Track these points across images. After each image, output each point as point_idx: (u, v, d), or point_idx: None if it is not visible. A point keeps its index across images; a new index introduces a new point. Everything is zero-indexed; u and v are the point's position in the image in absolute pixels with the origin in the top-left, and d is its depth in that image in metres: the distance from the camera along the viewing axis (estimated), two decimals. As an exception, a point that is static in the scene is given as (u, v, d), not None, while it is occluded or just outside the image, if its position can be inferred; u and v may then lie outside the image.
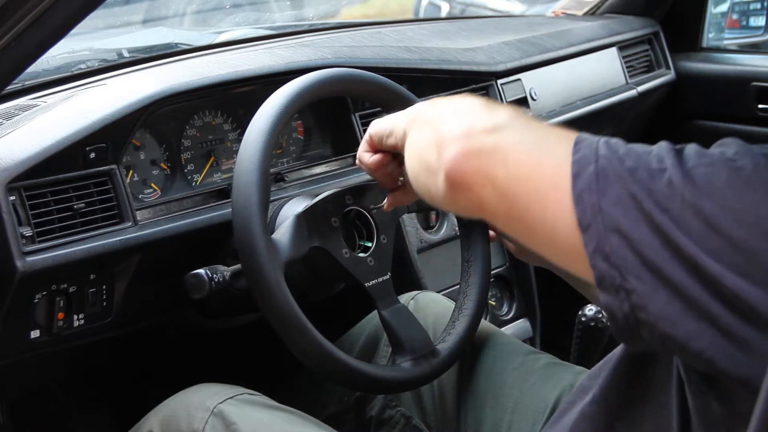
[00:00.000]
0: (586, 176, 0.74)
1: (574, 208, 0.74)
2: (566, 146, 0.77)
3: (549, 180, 0.76)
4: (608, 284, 0.73)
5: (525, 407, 1.24)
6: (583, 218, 0.73)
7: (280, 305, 1.12)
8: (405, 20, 2.50)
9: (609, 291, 0.73)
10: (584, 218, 0.74)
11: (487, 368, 1.30)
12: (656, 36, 2.42)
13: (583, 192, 0.74)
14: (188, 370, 1.51)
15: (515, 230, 0.81)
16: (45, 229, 1.19)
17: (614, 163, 0.74)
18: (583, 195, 0.74)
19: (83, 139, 1.23)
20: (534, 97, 1.99)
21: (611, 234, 0.72)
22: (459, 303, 1.31)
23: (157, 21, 2.54)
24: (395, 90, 1.35)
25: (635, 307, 0.72)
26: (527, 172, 0.78)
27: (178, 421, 1.14)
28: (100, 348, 1.38)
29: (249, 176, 1.14)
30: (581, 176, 0.74)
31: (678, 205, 0.71)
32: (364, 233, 1.30)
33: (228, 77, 1.44)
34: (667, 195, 0.72)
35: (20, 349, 1.23)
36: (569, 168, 0.75)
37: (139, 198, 1.40)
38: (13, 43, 1.02)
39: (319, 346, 1.14)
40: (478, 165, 0.80)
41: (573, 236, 0.74)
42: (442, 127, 0.84)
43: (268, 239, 1.14)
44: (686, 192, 0.71)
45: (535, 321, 1.88)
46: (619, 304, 0.72)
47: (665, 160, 0.74)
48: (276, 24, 2.42)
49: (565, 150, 0.77)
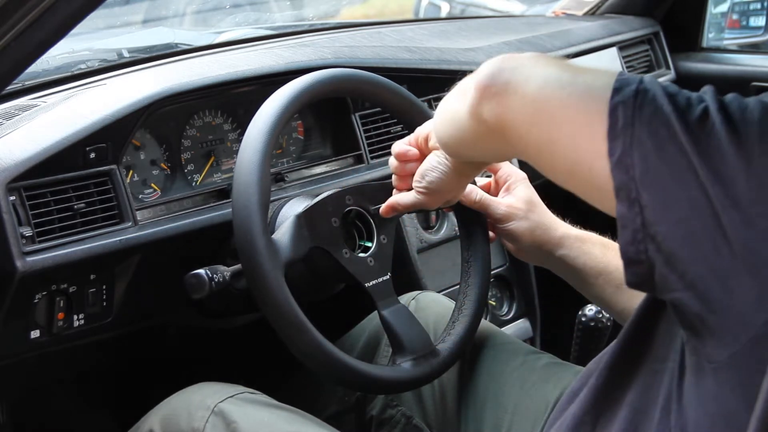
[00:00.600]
0: (627, 92, 0.75)
1: (608, 119, 0.75)
2: (606, 74, 0.78)
3: (584, 90, 0.78)
4: (624, 195, 0.74)
5: (525, 407, 1.24)
6: (614, 129, 0.74)
7: (280, 305, 1.12)
8: (405, 20, 2.50)
9: (624, 202, 0.74)
10: (614, 129, 0.74)
11: (488, 368, 1.30)
12: (656, 36, 2.42)
13: (619, 105, 0.74)
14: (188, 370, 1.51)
15: (540, 139, 0.82)
16: (45, 229, 1.19)
17: (656, 87, 0.75)
18: (618, 108, 0.74)
19: (83, 139, 1.23)
20: (534, 97, 1.98)
21: (636, 148, 0.73)
22: (459, 303, 1.31)
23: (157, 21, 2.54)
24: (395, 90, 1.35)
25: (647, 222, 0.73)
26: (561, 82, 0.79)
27: (178, 420, 1.14)
28: (101, 348, 1.38)
29: (249, 176, 1.14)
30: (621, 92, 0.75)
31: (706, 142, 0.72)
32: (364, 233, 1.30)
33: (228, 77, 1.44)
34: (697, 130, 0.72)
35: (20, 349, 1.23)
36: (611, 82, 0.76)
37: (139, 198, 1.40)
38: (13, 43, 1.02)
39: (318, 345, 1.14)
40: (510, 75, 0.83)
41: (597, 144, 0.75)
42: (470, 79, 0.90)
43: (268, 239, 1.14)
44: (716, 131, 0.72)
45: (535, 321, 1.88)
46: (633, 217, 0.74)
47: (705, 99, 0.74)
48: (276, 24, 2.42)
49: (605, 75, 0.78)
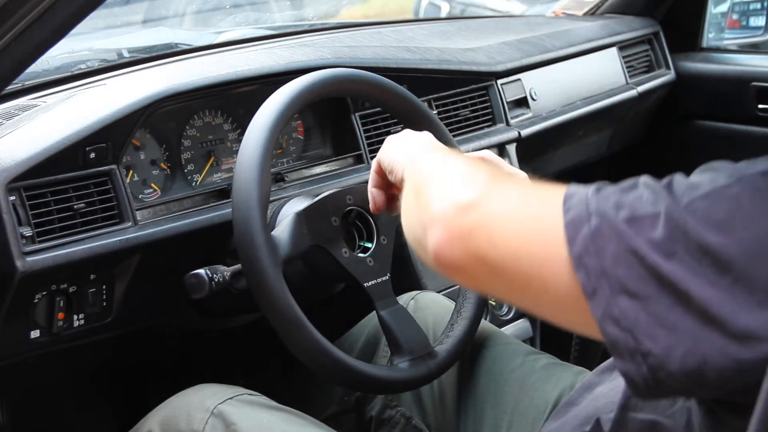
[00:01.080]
0: (581, 239, 0.69)
1: (576, 274, 0.69)
2: (554, 207, 0.72)
3: (542, 250, 0.72)
4: (622, 349, 0.68)
5: (525, 407, 1.24)
6: (587, 284, 0.69)
7: (278, 301, 1.12)
8: (405, 20, 2.50)
9: (624, 356, 0.68)
10: (588, 284, 0.69)
11: (488, 368, 1.30)
12: (656, 36, 2.42)
13: (582, 256, 0.69)
14: (188, 371, 1.51)
15: (520, 303, 0.78)
16: (45, 229, 1.19)
17: (608, 218, 0.69)
18: (583, 259, 0.69)
19: (83, 139, 1.23)
20: (534, 97, 1.99)
21: (618, 296, 0.67)
22: (458, 306, 1.31)
23: (157, 21, 2.54)
24: (395, 90, 1.35)
25: (653, 368, 0.67)
26: (516, 246, 0.73)
27: (178, 422, 1.14)
28: (100, 348, 1.38)
29: (250, 173, 1.14)
30: (576, 240, 0.69)
31: (682, 248, 0.67)
32: (364, 234, 1.30)
33: (228, 77, 1.44)
34: (668, 240, 0.67)
35: (20, 349, 1.23)
36: (563, 232, 0.70)
37: (139, 198, 1.40)
38: (13, 43, 1.02)
39: (315, 343, 1.14)
40: (464, 248, 0.76)
41: (579, 303, 0.70)
42: (426, 200, 0.82)
43: (267, 235, 1.14)
44: (689, 232, 0.67)
45: (534, 321, 1.88)
46: (637, 368, 0.68)
47: (658, 201, 0.69)
48: (276, 24, 2.42)
49: (553, 212, 0.72)
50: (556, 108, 2.05)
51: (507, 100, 1.91)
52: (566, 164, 2.27)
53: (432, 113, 1.40)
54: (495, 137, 1.85)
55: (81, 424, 1.73)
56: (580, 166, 2.36)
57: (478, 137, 1.82)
